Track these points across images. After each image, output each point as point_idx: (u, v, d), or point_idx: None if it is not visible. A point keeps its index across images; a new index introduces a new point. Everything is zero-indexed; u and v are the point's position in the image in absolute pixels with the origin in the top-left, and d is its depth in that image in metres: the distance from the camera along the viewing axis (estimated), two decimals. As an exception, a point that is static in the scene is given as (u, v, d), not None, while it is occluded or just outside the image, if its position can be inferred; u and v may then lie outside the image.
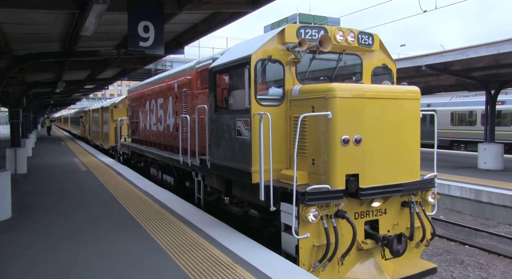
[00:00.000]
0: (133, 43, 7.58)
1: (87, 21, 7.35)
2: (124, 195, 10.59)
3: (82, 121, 37.15)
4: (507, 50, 12.54)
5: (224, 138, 7.50)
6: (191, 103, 10.52)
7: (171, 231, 7.21)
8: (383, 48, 7.60)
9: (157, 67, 36.98)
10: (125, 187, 11.91)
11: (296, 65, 6.86)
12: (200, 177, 9.07)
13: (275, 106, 6.72)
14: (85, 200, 10.13)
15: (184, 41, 12.08)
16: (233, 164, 7.19)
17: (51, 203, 9.97)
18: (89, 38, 9.89)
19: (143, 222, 7.83)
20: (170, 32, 11.08)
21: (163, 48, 7.93)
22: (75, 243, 6.69)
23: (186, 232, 7.09)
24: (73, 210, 9.10)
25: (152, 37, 7.62)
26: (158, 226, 7.52)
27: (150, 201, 9.86)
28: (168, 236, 6.89)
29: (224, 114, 7.57)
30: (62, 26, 10.30)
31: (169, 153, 12.03)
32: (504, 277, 8.84)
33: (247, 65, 6.54)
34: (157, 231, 7.23)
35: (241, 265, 5.52)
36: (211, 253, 6.03)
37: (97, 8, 6.66)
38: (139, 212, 8.70)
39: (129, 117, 17.67)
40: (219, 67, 7.59)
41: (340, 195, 5.86)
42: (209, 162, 8.17)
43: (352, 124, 5.93)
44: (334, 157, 5.86)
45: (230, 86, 7.32)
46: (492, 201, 12.81)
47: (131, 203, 9.63)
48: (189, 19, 10.33)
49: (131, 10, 7.46)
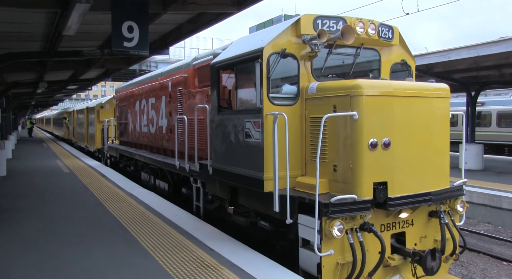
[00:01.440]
0: (117, 44, 7.47)
1: (70, 20, 7.16)
2: (108, 197, 10.30)
3: (65, 122, 35.88)
4: (486, 53, 12.82)
5: (229, 142, 6.77)
6: (187, 103, 9.75)
7: (156, 233, 7.08)
8: (402, 42, 6.96)
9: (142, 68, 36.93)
10: (109, 189, 11.59)
11: (312, 60, 6.16)
12: (199, 183, 8.31)
13: (289, 105, 6.01)
14: (68, 203, 9.80)
15: (169, 41, 11.97)
16: (240, 170, 6.46)
17: (32, 206, 9.55)
18: (72, 38, 9.76)
19: (127, 225, 7.62)
20: (155, 32, 11.01)
21: (147, 48, 7.83)
22: (56, 246, 6.46)
23: (171, 234, 6.98)
24: (55, 213, 8.79)
25: (137, 37, 7.56)
26: (143, 228, 7.35)
27: (134, 203, 9.61)
28: (153, 238, 6.75)
29: (229, 115, 6.84)
30: (43, 25, 9.96)
31: (162, 156, 11.22)
32: (484, 274, 8.90)
33: (259, 60, 5.82)
34: (142, 233, 7.07)
35: (227, 267, 5.46)
36: (197, 255, 5.94)
37: (80, 8, 6.52)
38: (124, 214, 8.47)
39: (116, 118, 16.77)
40: (224, 63, 6.85)
41: (368, 206, 5.18)
42: (211, 167, 7.43)
43: (380, 125, 5.26)
44: (361, 163, 5.18)
45: (237, 83, 6.59)
46: (472, 200, 12.69)
47: (115, 205, 9.38)
48: (174, 20, 10.22)
49: (115, 10, 7.33)
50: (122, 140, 16.15)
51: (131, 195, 10.56)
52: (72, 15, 6.89)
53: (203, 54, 9.38)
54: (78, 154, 22.70)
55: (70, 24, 7.52)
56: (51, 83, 21.63)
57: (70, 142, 32.76)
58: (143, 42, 7.64)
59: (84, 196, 10.55)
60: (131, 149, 14.00)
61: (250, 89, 6.38)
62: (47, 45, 12.26)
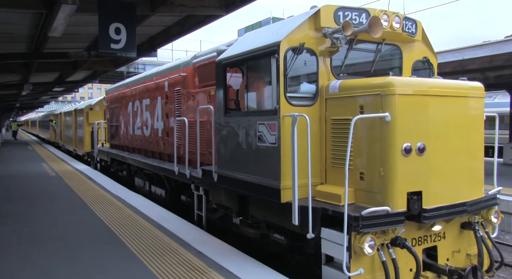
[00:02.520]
0: (104, 45, 7.39)
1: (55, 21, 7.06)
2: (95, 201, 10.10)
3: (52, 125, 34.82)
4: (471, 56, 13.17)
5: (238, 146, 6.15)
6: (186, 104, 9.11)
7: (144, 236, 6.96)
8: (425, 38, 6.42)
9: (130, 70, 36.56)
10: (96, 192, 11.38)
11: (332, 56, 5.59)
12: (202, 191, 7.66)
13: (307, 106, 5.42)
14: (53, 206, 9.54)
15: (157, 43, 11.91)
16: (251, 178, 5.84)
17: (16, 210, 9.25)
18: (58, 39, 9.67)
19: (114, 228, 7.47)
20: (142, 34, 10.97)
21: (135, 50, 7.76)
22: (41, 250, 6.33)
23: (159, 237, 6.88)
24: (40, 217, 8.57)
25: (124, 39, 7.51)
26: (130, 232, 7.23)
27: (122, 206, 9.43)
28: (141, 242, 6.65)
29: (238, 117, 6.22)
30: (28, 26, 9.78)
31: (158, 161, 10.55)
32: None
33: (275, 55, 5.22)
34: (129, 236, 6.95)
35: (215, 270, 5.39)
36: (185, 258, 5.88)
37: (66, 9, 6.45)
38: (111, 217, 8.32)
39: (107, 121, 16.02)
40: (232, 59, 6.23)
41: (402, 218, 4.61)
42: (216, 174, 6.80)
43: (414, 128, 4.70)
44: (394, 171, 4.61)
45: (247, 82, 5.97)
46: (510, 209, 11.89)
47: (102, 208, 9.21)
48: (162, 22, 10.14)
49: (102, 12, 7.26)
50: (113, 143, 15.40)
51: (118, 198, 10.32)
52: (57, 16, 6.75)
53: (204, 51, 8.75)
54: (66, 157, 21.82)
55: (56, 26, 7.38)
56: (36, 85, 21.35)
57: (57, 145, 31.74)
58: (131, 44, 7.57)
59: (71, 199, 10.30)
60: (124, 153, 13.28)
61: (263, 88, 5.78)
62: (32, 47, 12.09)
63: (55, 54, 12.75)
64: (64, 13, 6.71)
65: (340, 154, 5.19)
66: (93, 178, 14.14)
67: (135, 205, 9.47)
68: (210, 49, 8.59)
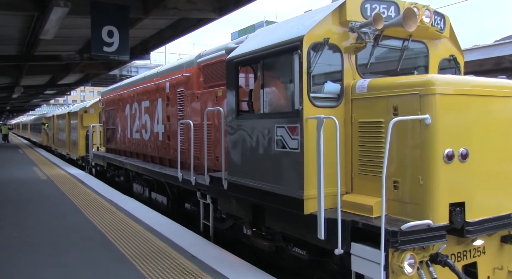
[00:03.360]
0: (97, 48, 7.35)
1: (47, 24, 7.02)
2: (88, 205, 9.92)
3: (44, 128, 34.04)
4: None
5: (252, 152, 5.64)
6: (190, 106, 8.58)
7: (137, 240, 6.85)
8: (452, 34, 5.96)
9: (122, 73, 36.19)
10: (88, 196, 11.18)
11: (357, 52, 5.10)
12: (209, 199, 7.13)
13: (331, 107, 4.93)
14: (45, 211, 9.37)
15: (150, 46, 11.94)
16: (267, 186, 5.33)
17: (6, 214, 9.07)
18: (49, 42, 9.60)
19: (107, 232, 7.34)
20: (135, 37, 10.97)
21: (128, 53, 7.75)
22: (31, 255, 6.21)
23: (152, 241, 6.77)
24: (31, 221, 8.38)
25: (117, 42, 7.48)
26: (123, 235, 7.10)
27: (114, 209, 9.30)
28: (133, 246, 6.53)
29: (252, 119, 5.71)
30: (19, 29, 9.72)
31: (159, 166, 10.00)
32: None
33: (298, 51, 4.72)
34: (122, 240, 6.83)
35: (209, 274, 5.30)
36: (178, 262, 5.78)
37: (58, 11, 6.41)
38: (103, 221, 8.17)
39: (103, 124, 15.42)
40: (245, 57, 5.73)
41: (444, 233, 4.12)
42: (226, 181, 6.28)
43: (456, 132, 4.22)
44: (435, 179, 4.12)
45: (263, 81, 5.46)
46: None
47: (94, 212, 9.04)
48: (155, 25, 10.13)
49: (95, 14, 7.21)
50: (109, 147, 14.81)
51: (111, 202, 10.16)
52: (49, 18, 6.70)
53: (210, 50, 8.24)
54: (59, 162, 21.15)
55: (48, 28, 7.35)
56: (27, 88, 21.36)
57: (49, 149, 30.97)
58: (124, 47, 7.53)
59: (62, 203, 10.11)
60: (121, 158, 12.69)
61: (281, 88, 5.29)
62: (24, 49, 12.04)
63: (46, 57, 12.64)
64: (56, 16, 6.65)
65: (369, 160, 4.70)
66: (86, 181, 13.81)
67: (127, 208, 9.29)
68: (217, 47, 8.08)
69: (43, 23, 7.30)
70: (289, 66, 4.92)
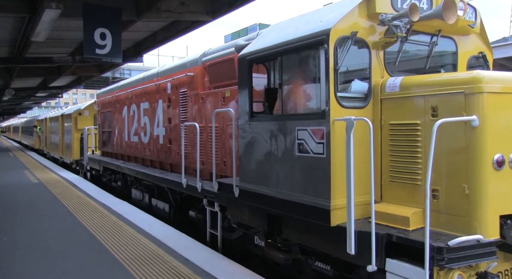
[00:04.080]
0: (89, 51, 7.34)
1: (39, 26, 6.95)
2: (80, 208, 9.70)
3: (36, 131, 33.30)
4: None
5: (268, 156, 5.17)
6: (195, 107, 8.10)
7: (129, 243, 6.73)
8: (483, 30, 5.54)
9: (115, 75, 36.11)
10: (80, 199, 10.97)
11: (386, 48, 4.66)
12: (217, 207, 6.64)
13: (359, 108, 4.48)
14: (36, 215, 9.10)
15: (143, 49, 11.88)
16: (286, 194, 4.87)
17: None
18: (41, 44, 9.56)
19: (99, 235, 7.20)
20: (128, 39, 10.91)
21: (121, 56, 7.75)
22: (21, 260, 6.04)
23: (145, 244, 6.66)
24: (20, 225, 8.16)
25: (109, 44, 7.45)
26: (115, 239, 6.97)
27: (107, 213, 9.14)
28: (126, 249, 6.42)
29: (268, 121, 5.25)
30: (10, 30, 9.65)
31: (160, 171, 9.49)
32: None
33: (324, 45, 4.26)
34: (114, 244, 6.70)
35: (202, 277, 5.27)
36: (171, 265, 5.70)
37: (49, 13, 6.37)
38: (95, 225, 8.00)
39: (98, 126, 14.87)
40: (260, 54, 5.26)
41: (495, 250, 3.67)
42: (238, 188, 5.81)
43: (506, 135, 3.79)
44: (484, 188, 3.68)
45: (282, 79, 5.00)
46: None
47: (86, 215, 8.86)
48: (148, 27, 10.09)
49: (87, 17, 7.18)
50: (105, 151, 14.26)
51: (103, 205, 9.98)
52: (41, 20, 6.65)
53: (216, 48, 7.77)
54: (51, 165, 20.50)
55: (39, 30, 7.27)
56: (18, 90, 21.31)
57: (41, 152, 30.24)
58: (116, 49, 7.50)
59: (54, 207, 9.90)
60: (118, 162, 12.16)
61: (303, 87, 4.83)
62: (14, 51, 11.88)
63: (38, 59, 12.56)
64: (47, 18, 6.58)
65: (402, 166, 4.26)
66: (78, 185, 13.52)
67: (120, 211, 9.13)
68: (224, 45, 7.63)
69: (34, 25, 7.20)
70: (313, 63, 4.48)
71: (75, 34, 9.92)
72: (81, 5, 7.20)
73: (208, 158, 7.55)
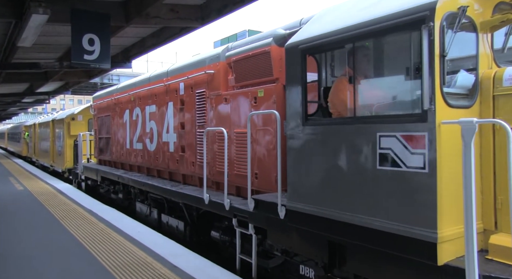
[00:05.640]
0: (77, 56, 7.29)
1: (25, 31, 6.92)
2: (66, 215, 9.43)
3: (24, 137, 31.75)
4: None
5: (332, 170, 4.10)
6: (216, 110, 7.01)
7: (117, 251, 6.57)
8: None
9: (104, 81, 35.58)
10: (67, 206, 10.62)
11: (494, 31, 3.64)
12: (251, 229, 5.52)
13: (465, 107, 3.44)
14: (20, 223, 8.76)
15: (132, 55, 11.79)
16: (360, 218, 3.79)
17: None
18: (28, 49, 9.53)
19: (86, 243, 7.02)
20: (117, 45, 10.88)
21: (109, 61, 7.71)
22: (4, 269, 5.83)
23: (133, 251, 6.50)
24: (5, 233, 7.88)
25: (98, 50, 7.41)
26: (103, 247, 6.80)
27: (94, 220, 8.91)
28: (114, 257, 6.26)
29: (332, 125, 4.18)
30: None
31: (171, 183, 8.34)
32: None
33: (429, 23, 3.21)
34: (102, 251, 6.54)
35: None
36: (159, 272, 5.55)
37: (36, 19, 6.32)
38: (83, 232, 7.78)
39: (95, 132, 13.65)
40: (321, 40, 4.19)
41: None
42: (284, 208, 4.72)
43: None
44: None
45: (355, 71, 3.93)
46: None
47: (74, 223, 8.60)
48: (137, 33, 10.09)
49: (75, 22, 7.14)
50: (102, 159, 13.04)
51: (91, 212, 9.74)
52: (28, 26, 6.56)
53: (244, 41, 6.71)
54: (41, 174, 19.10)
55: (26, 35, 7.18)
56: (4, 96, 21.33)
57: (30, 160, 28.72)
58: (105, 55, 7.47)
59: (40, 214, 9.57)
60: (118, 171, 10.96)
61: (389, 80, 3.78)
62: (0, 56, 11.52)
63: (24, 65, 12.31)
64: (34, 23, 6.46)
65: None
66: (65, 192, 13.06)
67: (108, 218, 8.93)
68: (253, 37, 6.56)
69: (21, 30, 7.10)
70: (407, 48, 3.43)
71: (63, 40, 9.85)
72: (69, 10, 7.11)
73: (232, 169, 6.45)
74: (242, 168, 6.30)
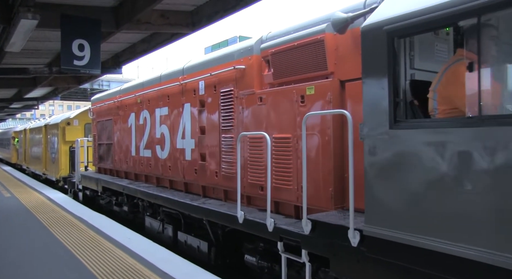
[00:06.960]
0: (67, 62, 7.26)
1: (14, 36, 6.90)
2: (55, 222, 9.30)
3: (13, 143, 30.36)
4: None
5: (440, 186, 3.10)
6: (246, 112, 6.00)
7: (107, 258, 6.43)
8: None
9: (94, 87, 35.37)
10: (56, 213, 10.46)
11: None
12: (305, 256, 4.48)
13: None
14: (7, 230, 8.62)
15: (122, 60, 11.74)
16: (487, 253, 2.80)
17: None
18: (16, 54, 9.53)
19: (75, 250, 6.91)
20: (107, 51, 10.90)
21: (99, 67, 7.69)
22: None
23: (122, 258, 6.38)
24: None
25: (88, 56, 7.36)
26: (92, 254, 6.68)
27: (84, 227, 8.78)
28: (103, 264, 6.10)
29: (439, 128, 3.18)
30: None
31: (191, 196, 7.28)
32: None
33: None
34: (91, 259, 6.40)
35: None
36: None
37: (25, 24, 6.24)
38: (72, 239, 7.67)
39: (94, 138, 12.53)
40: (431, 16, 3.20)
41: None
42: (358, 233, 3.71)
43: None
44: None
45: (480, 58, 2.94)
46: None
47: (62, 230, 8.46)
48: (128, 39, 10.11)
49: (65, 27, 7.12)
50: (102, 167, 11.92)
51: (80, 219, 9.61)
52: (16, 31, 6.53)
53: (286, 29, 5.69)
54: (32, 182, 17.85)
55: (14, 41, 7.13)
56: None
57: (19, 167, 27.34)
58: (95, 61, 7.44)
59: (27, 222, 9.44)
60: (123, 181, 9.86)
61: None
62: None
63: (12, 70, 12.23)
64: (23, 29, 6.40)
65: None
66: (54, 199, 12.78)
67: (98, 226, 8.81)
68: (296, 25, 5.56)
69: (9, 35, 7.01)
70: None
71: (52, 45, 9.83)
72: (59, 15, 7.04)
73: (266, 180, 5.42)
74: (281, 179, 5.31)
